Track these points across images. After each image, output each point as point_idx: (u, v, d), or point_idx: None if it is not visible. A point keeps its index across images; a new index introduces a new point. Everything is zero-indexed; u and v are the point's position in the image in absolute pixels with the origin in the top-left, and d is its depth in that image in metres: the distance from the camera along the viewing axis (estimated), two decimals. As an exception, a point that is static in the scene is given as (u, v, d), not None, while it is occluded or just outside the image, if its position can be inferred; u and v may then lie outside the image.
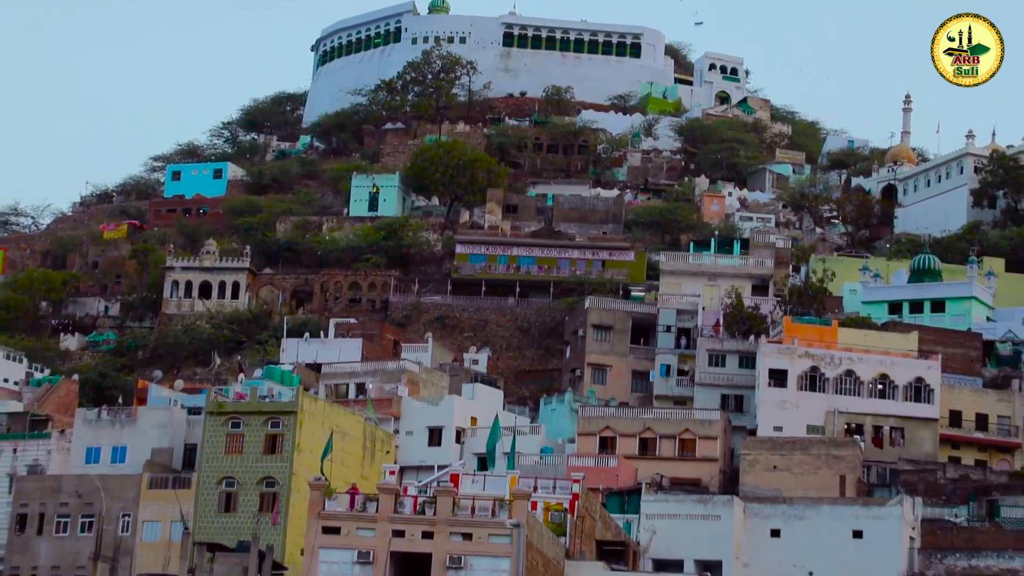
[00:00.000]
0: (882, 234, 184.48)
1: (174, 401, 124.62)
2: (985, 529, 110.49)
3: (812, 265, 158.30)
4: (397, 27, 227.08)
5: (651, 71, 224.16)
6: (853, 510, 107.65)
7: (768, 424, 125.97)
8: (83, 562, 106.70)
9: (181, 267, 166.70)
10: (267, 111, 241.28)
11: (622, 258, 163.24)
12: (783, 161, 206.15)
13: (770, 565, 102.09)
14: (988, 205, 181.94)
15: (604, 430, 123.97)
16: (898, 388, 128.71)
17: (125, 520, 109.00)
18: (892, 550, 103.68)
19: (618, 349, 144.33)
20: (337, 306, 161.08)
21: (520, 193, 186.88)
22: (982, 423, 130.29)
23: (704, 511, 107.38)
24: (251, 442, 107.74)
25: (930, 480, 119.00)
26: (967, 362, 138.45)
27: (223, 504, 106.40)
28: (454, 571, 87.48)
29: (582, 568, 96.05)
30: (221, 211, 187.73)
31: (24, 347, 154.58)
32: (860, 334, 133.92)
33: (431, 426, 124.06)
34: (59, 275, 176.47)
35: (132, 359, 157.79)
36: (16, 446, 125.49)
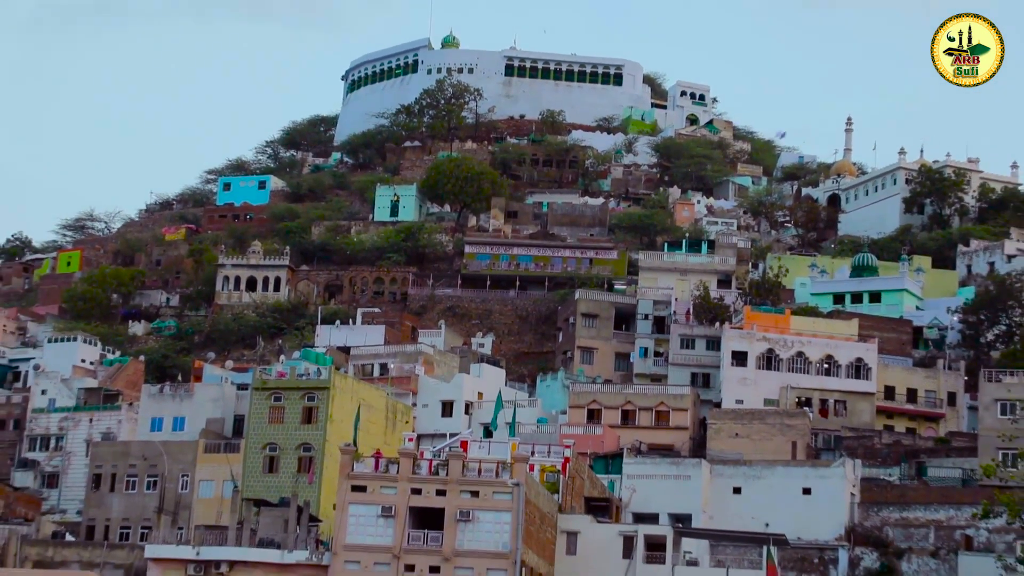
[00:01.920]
0: (828, 236, 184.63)
1: (225, 379, 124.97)
2: (914, 486, 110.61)
3: (768, 262, 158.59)
4: (415, 60, 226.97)
5: (631, 97, 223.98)
6: (803, 471, 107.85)
7: (731, 398, 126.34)
8: (149, 515, 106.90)
9: (231, 264, 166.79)
10: (304, 131, 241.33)
11: (606, 257, 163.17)
12: (744, 174, 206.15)
13: (732, 518, 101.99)
14: (917, 211, 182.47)
15: (591, 403, 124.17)
16: (841, 367, 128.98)
17: (184, 479, 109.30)
18: (836, 505, 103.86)
19: (603, 334, 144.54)
20: (363, 298, 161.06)
21: (519, 201, 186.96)
22: (912, 396, 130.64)
23: (676, 472, 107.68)
24: (290, 413, 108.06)
25: (868, 445, 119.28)
26: (899, 345, 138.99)
27: (267, 466, 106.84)
28: (463, 523, 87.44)
29: (572, 520, 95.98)
30: (265, 217, 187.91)
31: (98, 333, 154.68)
32: (809, 321, 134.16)
33: (444, 400, 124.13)
34: (127, 271, 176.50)
35: (189, 343, 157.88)
36: (92, 416, 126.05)
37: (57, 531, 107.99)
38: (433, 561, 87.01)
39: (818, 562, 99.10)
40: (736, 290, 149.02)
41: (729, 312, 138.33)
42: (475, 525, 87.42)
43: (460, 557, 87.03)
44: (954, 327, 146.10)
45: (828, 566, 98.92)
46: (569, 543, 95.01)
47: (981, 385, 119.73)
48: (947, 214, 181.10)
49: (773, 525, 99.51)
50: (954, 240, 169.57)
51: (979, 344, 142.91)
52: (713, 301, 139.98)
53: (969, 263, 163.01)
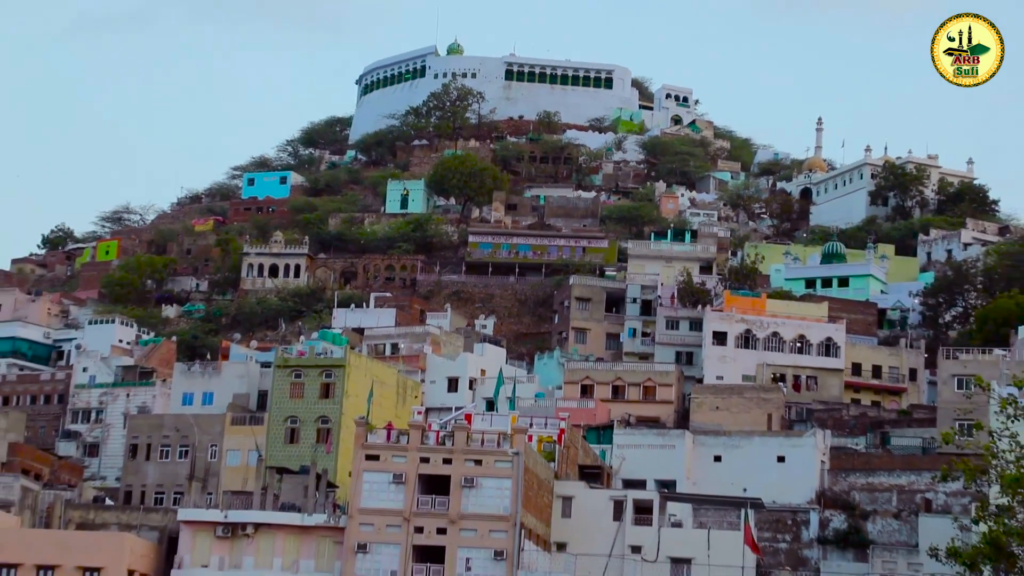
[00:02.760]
0: (800, 226, 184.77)
1: (250, 357, 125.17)
2: (879, 454, 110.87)
3: (746, 251, 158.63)
4: (422, 65, 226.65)
5: (620, 99, 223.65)
6: (777, 440, 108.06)
7: (712, 374, 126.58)
8: (181, 481, 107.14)
9: (255, 253, 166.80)
10: (321, 131, 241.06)
11: (598, 245, 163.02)
12: (723, 170, 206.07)
13: (713, 483, 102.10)
14: (882, 204, 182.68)
15: (584, 379, 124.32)
16: (812, 346, 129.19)
17: (213, 449, 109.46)
18: (808, 471, 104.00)
19: (595, 316, 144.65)
20: (376, 283, 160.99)
21: (519, 195, 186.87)
22: (877, 372, 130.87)
23: (662, 442, 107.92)
24: (310, 389, 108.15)
25: (837, 417, 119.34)
26: (865, 325, 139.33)
27: (288, 437, 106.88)
28: (468, 489, 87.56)
29: (567, 486, 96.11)
30: (286, 209, 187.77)
31: (134, 315, 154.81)
32: (783, 304, 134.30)
33: (449, 376, 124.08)
34: (161, 259, 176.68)
35: (217, 324, 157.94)
36: (128, 392, 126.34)
37: (97, 496, 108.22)
38: (440, 524, 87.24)
39: (791, 524, 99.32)
40: (716, 276, 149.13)
41: (710, 296, 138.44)
42: (478, 491, 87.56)
43: (465, 520, 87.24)
44: (915, 309, 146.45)
45: (800, 527, 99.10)
46: (564, 507, 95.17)
47: (940, 362, 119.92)
48: (909, 206, 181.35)
49: (750, 490, 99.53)
50: (915, 230, 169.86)
51: (938, 325, 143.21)
52: (696, 286, 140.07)
53: (929, 251, 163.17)
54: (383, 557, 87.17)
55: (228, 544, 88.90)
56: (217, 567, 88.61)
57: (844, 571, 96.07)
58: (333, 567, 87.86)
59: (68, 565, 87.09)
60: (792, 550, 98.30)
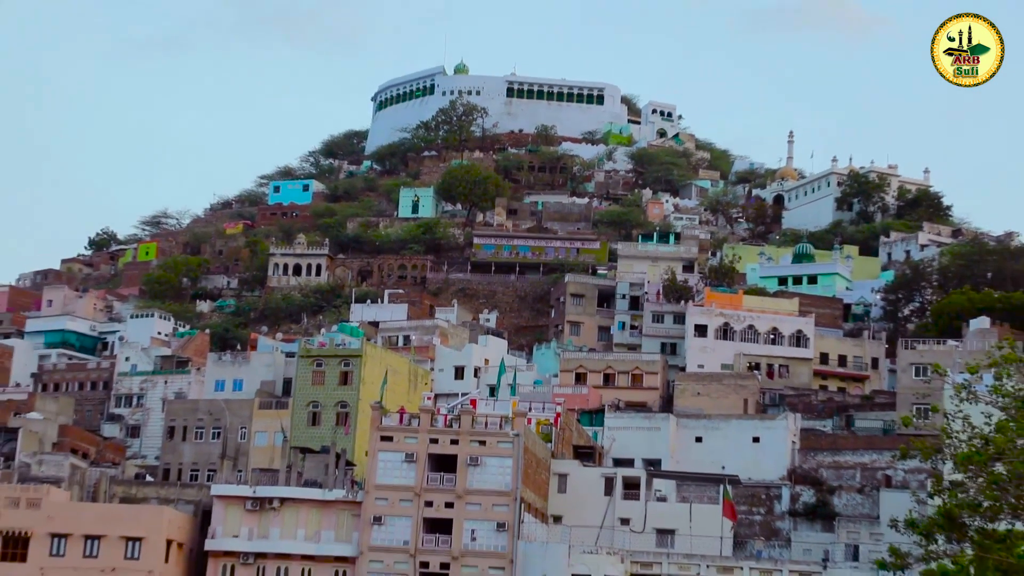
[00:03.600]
0: (773, 229, 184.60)
1: (276, 348, 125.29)
2: (844, 435, 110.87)
3: (724, 251, 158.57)
4: (432, 84, 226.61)
5: (611, 114, 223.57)
6: (753, 423, 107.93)
7: (694, 363, 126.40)
8: (213, 460, 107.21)
9: (280, 254, 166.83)
10: (340, 143, 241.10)
11: (591, 247, 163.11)
12: (704, 178, 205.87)
13: (694, 462, 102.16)
14: (847, 209, 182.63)
15: (578, 368, 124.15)
16: (784, 337, 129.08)
17: (242, 431, 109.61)
18: (780, 450, 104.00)
19: (588, 311, 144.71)
20: (390, 281, 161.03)
21: (519, 201, 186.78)
22: (843, 361, 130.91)
23: (649, 424, 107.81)
24: (330, 377, 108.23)
25: (806, 401, 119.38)
26: (832, 319, 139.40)
27: (310, 420, 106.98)
28: (473, 467, 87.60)
29: (563, 465, 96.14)
30: (308, 214, 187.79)
31: (171, 310, 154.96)
32: (758, 300, 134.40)
33: (456, 365, 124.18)
34: (195, 259, 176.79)
35: (246, 318, 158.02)
36: (166, 379, 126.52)
37: (139, 473, 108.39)
38: (448, 498, 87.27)
39: (765, 498, 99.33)
40: (698, 274, 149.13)
41: (692, 292, 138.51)
42: (482, 468, 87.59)
43: (470, 495, 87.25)
44: (877, 304, 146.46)
45: (773, 501, 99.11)
46: (560, 483, 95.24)
47: (899, 352, 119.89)
48: (871, 211, 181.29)
49: (728, 467, 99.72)
50: (877, 232, 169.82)
51: (897, 318, 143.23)
52: (679, 283, 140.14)
53: (889, 251, 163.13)
54: (396, 528, 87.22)
55: (256, 517, 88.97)
56: (246, 537, 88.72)
57: (813, 541, 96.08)
58: (351, 538, 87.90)
59: (113, 535, 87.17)
60: (766, 522, 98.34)
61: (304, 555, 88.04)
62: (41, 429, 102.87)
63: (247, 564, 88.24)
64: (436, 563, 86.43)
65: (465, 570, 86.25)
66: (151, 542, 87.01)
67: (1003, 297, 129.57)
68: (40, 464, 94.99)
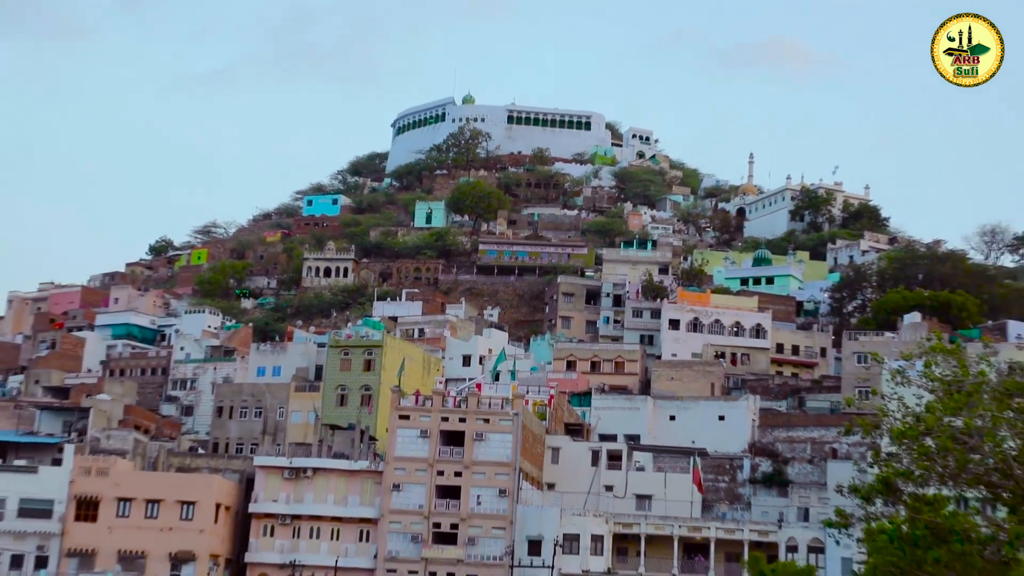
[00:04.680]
0: (736, 237, 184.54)
1: (309, 339, 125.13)
2: (797, 414, 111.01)
3: (694, 256, 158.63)
4: (443, 112, 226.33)
5: (597, 138, 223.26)
6: (718, 403, 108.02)
7: (668, 352, 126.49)
8: (256, 435, 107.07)
9: (313, 258, 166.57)
10: (364, 163, 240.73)
11: (579, 252, 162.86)
12: (677, 193, 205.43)
13: (668, 437, 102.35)
14: (799, 220, 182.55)
15: (569, 356, 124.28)
16: (746, 330, 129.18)
17: (280, 410, 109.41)
18: (742, 427, 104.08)
19: (577, 307, 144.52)
20: (407, 282, 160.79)
21: (518, 212, 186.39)
22: (795, 350, 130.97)
23: (629, 405, 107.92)
24: (355, 364, 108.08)
25: (764, 385, 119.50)
26: (787, 314, 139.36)
27: (339, 401, 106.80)
28: (478, 442, 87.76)
29: (556, 440, 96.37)
30: (337, 224, 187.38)
31: (219, 307, 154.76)
32: (723, 298, 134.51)
33: (464, 354, 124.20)
34: (240, 263, 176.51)
35: (283, 314, 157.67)
36: (215, 366, 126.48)
37: (192, 446, 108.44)
38: (457, 468, 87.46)
39: (729, 468, 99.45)
40: (671, 276, 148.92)
41: (667, 292, 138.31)
42: (486, 443, 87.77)
43: (476, 466, 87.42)
44: (825, 302, 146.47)
45: (736, 470, 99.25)
46: (553, 455, 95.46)
47: (844, 342, 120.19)
48: (820, 222, 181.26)
49: (698, 442, 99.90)
50: (825, 240, 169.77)
51: (842, 313, 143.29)
52: (655, 284, 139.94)
53: (835, 256, 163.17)
54: (412, 494, 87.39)
55: (292, 484, 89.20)
56: (284, 502, 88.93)
57: (770, 504, 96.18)
58: (374, 502, 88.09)
59: (170, 499, 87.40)
60: (729, 488, 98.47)
61: (333, 517, 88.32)
62: (109, 409, 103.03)
63: (285, 524, 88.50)
64: (447, 524, 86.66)
65: (472, 530, 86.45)
66: (203, 505, 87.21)
67: (932, 296, 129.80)
68: (108, 438, 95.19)
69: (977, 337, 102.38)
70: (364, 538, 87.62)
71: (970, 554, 34.61)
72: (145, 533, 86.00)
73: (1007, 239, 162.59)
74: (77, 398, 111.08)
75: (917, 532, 36.11)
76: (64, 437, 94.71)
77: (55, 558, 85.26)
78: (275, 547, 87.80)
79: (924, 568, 34.88)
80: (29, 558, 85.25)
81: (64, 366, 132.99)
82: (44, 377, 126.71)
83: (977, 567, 34.22)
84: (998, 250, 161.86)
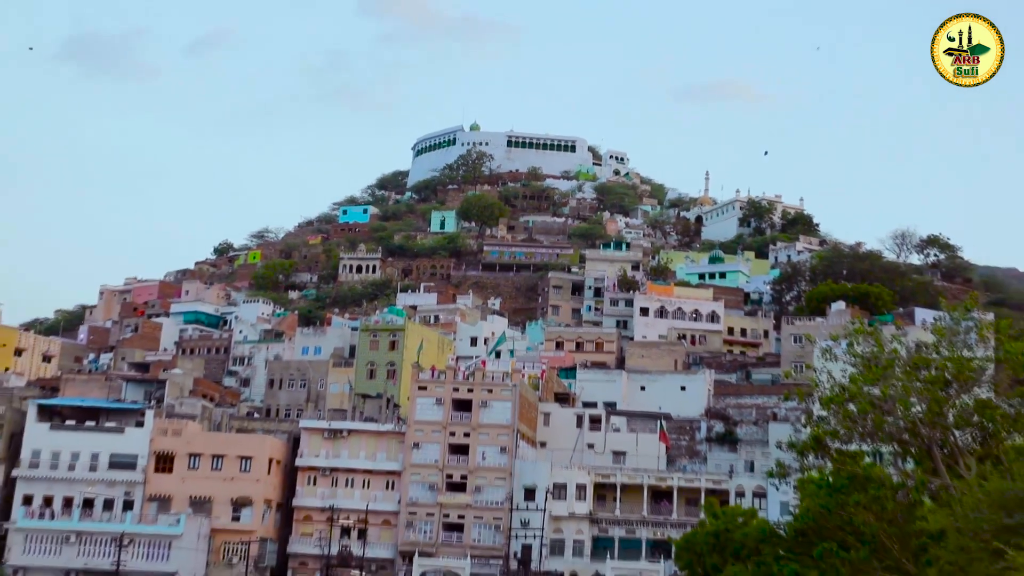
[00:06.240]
0: (695, 240, 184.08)
1: (344, 324, 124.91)
2: (744, 385, 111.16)
3: (660, 256, 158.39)
4: (454, 137, 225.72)
5: (580, 159, 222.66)
6: (681, 376, 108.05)
7: (640, 335, 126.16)
8: (301, 403, 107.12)
9: (347, 258, 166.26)
10: (389, 179, 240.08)
11: (566, 252, 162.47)
12: (647, 204, 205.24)
13: (640, 404, 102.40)
14: (747, 225, 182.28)
15: (558, 338, 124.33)
16: (703, 316, 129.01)
17: (321, 382, 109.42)
18: (700, 396, 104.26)
19: (565, 298, 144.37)
20: (424, 277, 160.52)
21: (515, 220, 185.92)
22: (743, 333, 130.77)
23: (607, 378, 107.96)
24: (382, 344, 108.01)
25: (718, 361, 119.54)
26: (736, 303, 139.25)
27: (368, 375, 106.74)
28: (483, 408, 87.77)
29: (547, 407, 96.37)
30: (367, 230, 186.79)
31: (271, 298, 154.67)
32: (684, 290, 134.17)
33: (471, 336, 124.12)
34: (287, 262, 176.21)
35: (323, 303, 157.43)
36: (268, 346, 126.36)
37: (249, 411, 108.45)
38: (465, 430, 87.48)
39: (689, 429, 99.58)
40: (642, 272, 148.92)
41: (638, 285, 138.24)
42: (490, 409, 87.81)
43: (481, 428, 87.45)
44: (767, 293, 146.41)
45: (694, 431, 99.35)
46: (545, 419, 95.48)
47: (783, 326, 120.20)
48: (763, 227, 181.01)
49: (663, 408, 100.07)
50: (767, 242, 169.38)
51: (782, 302, 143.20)
52: (629, 278, 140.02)
53: (776, 255, 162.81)
54: (429, 451, 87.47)
55: (331, 443, 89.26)
56: (324, 457, 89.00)
57: (722, 459, 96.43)
58: (398, 457, 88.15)
59: (231, 455, 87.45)
60: (689, 446, 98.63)
61: (364, 469, 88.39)
62: (181, 381, 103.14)
63: (325, 475, 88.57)
64: (457, 475, 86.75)
65: (478, 480, 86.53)
66: (258, 460, 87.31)
67: (854, 288, 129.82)
68: (181, 405, 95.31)
69: (890, 321, 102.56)
70: (390, 487, 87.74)
71: (884, 498, 34.71)
72: (211, 482, 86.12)
73: (915, 241, 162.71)
74: (156, 372, 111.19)
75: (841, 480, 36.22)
76: (145, 404, 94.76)
77: (139, 502, 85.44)
78: (317, 494, 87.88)
79: (847, 510, 34.98)
80: (118, 502, 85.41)
81: (145, 346, 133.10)
82: (129, 355, 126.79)
83: (889, 508, 34.31)
84: (907, 250, 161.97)
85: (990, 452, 32.93)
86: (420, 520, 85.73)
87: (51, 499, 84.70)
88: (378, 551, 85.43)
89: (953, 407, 34.62)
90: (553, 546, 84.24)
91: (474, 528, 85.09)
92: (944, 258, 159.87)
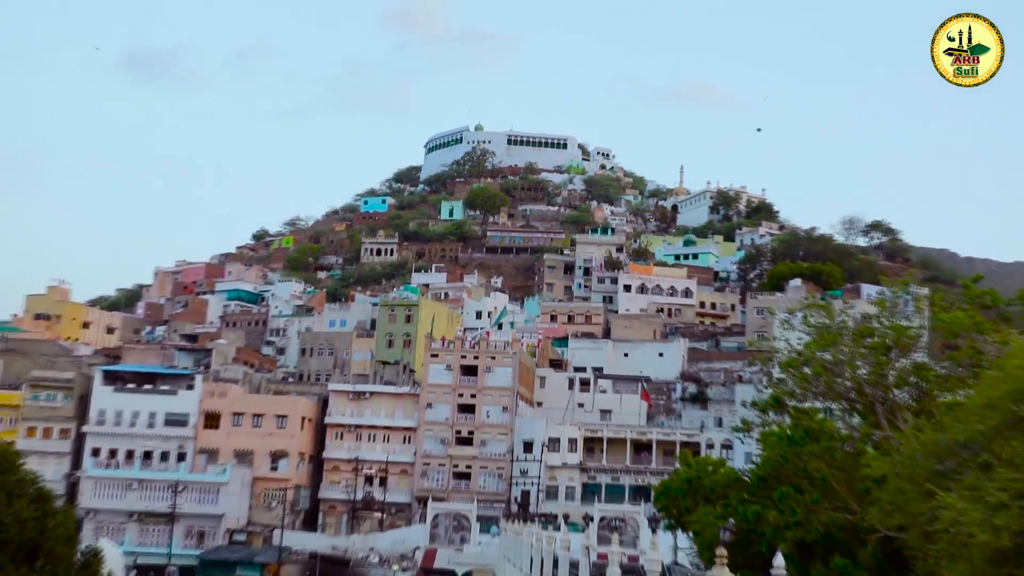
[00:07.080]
0: (672, 226, 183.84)
1: (366, 300, 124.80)
2: (715, 351, 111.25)
3: (641, 239, 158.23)
4: (461, 136, 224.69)
5: (571, 154, 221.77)
6: (659, 344, 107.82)
7: (623, 308, 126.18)
8: (329, 369, 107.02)
9: (368, 243, 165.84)
10: (404, 174, 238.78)
11: (559, 237, 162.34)
12: (629, 194, 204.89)
13: (624, 368, 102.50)
14: (717, 213, 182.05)
15: (552, 312, 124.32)
16: (678, 292, 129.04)
17: (346, 352, 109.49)
18: (675, 361, 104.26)
19: (558, 276, 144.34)
20: (435, 259, 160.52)
21: (515, 208, 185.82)
22: (713, 307, 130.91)
23: (595, 346, 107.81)
24: (399, 318, 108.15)
25: (692, 331, 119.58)
26: (708, 280, 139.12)
27: (388, 344, 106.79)
28: (488, 372, 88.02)
29: (543, 371, 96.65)
30: (385, 218, 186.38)
31: (302, 278, 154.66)
32: (662, 269, 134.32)
33: (477, 310, 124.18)
34: (316, 247, 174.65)
35: (348, 282, 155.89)
36: (300, 319, 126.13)
37: (284, 376, 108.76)
38: (472, 391, 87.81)
39: (666, 390, 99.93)
40: (625, 254, 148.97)
41: (622, 265, 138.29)
42: (493, 374, 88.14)
43: (486, 390, 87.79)
44: (734, 272, 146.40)
45: (671, 392, 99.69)
46: (541, 382, 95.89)
47: (748, 301, 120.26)
48: (731, 214, 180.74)
49: (644, 371, 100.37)
50: (735, 227, 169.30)
51: (747, 280, 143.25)
52: (614, 259, 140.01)
53: (742, 239, 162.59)
54: (441, 411, 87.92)
55: (355, 403, 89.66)
56: (349, 416, 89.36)
57: (695, 416, 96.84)
58: (413, 416, 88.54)
59: (269, 414, 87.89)
60: (667, 404, 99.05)
61: (384, 426, 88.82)
62: (225, 350, 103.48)
63: (350, 431, 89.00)
64: (465, 431, 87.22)
65: (483, 435, 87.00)
66: (292, 418, 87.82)
67: (809, 267, 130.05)
68: (225, 370, 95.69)
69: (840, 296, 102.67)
70: (406, 441, 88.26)
71: (833, 448, 35.13)
72: (253, 437, 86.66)
73: (861, 226, 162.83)
74: (203, 342, 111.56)
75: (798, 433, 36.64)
76: (195, 370, 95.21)
77: (190, 455, 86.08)
78: (343, 447, 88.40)
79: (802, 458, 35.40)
80: (172, 454, 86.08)
81: (194, 320, 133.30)
82: (180, 327, 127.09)
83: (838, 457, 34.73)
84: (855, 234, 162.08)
85: (924, 408, 33.31)
86: (433, 470, 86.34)
87: (115, 451, 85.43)
88: (397, 496, 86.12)
89: (893, 369, 34.97)
90: (548, 491, 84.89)
91: (480, 476, 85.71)
92: (887, 241, 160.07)
